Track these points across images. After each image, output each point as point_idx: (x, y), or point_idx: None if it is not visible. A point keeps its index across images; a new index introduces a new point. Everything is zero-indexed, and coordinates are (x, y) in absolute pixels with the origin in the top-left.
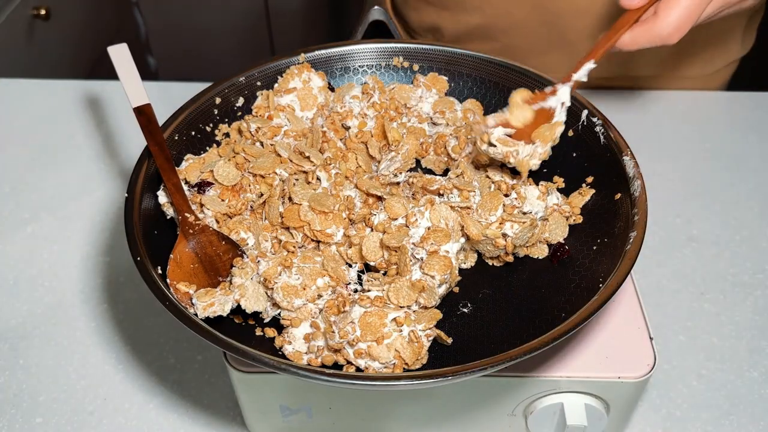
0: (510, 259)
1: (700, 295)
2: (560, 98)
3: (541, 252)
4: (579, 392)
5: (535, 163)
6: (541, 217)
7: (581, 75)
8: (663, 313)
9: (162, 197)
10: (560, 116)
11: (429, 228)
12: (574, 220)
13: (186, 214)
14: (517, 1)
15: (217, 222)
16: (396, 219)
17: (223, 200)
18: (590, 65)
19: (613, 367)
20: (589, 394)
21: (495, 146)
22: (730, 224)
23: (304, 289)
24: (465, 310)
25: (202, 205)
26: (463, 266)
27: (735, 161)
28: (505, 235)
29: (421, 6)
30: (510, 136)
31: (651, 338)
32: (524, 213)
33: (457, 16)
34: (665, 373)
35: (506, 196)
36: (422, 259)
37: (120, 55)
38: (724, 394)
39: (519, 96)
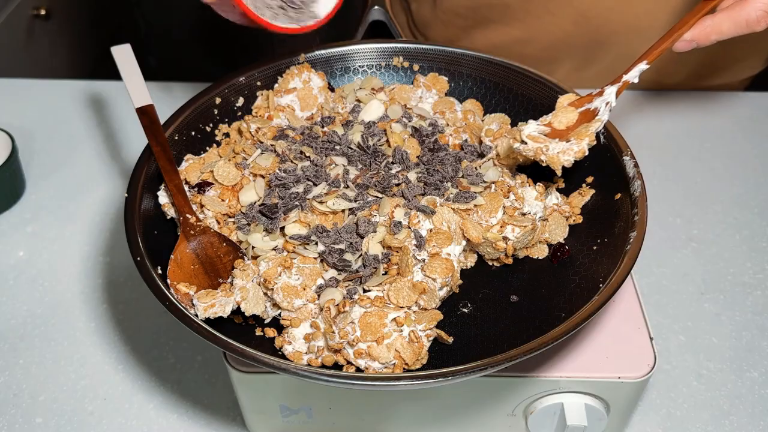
0: (510, 261)
1: (700, 295)
2: (605, 98)
3: (541, 252)
4: (579, 392)
5: (567, 160)
6: (541, 217)
7: (632, 76)
8: (663, 313)
9: (162, 198)
10: (603, 115)
11: (431, 230)
12: (574, 220)
13: (187, 215)
14: (562, 15)
15: (218, 223)
16: (394, 218)
17: (223, 200)
18: (643, 66)
19: (613, 367)
20: (589, 394)
21: (526, 143)
22: (730, 224)
23: (304, 289)
24: (465, 310)
25: (202, 206)
26: (463, 266)
27: (735, 161)
28: (505, 238)
29: (451, 19)
30: (547, 135)
31: (651, 338)
32: (524, 214)
33: (494, 29)
34: (665, 373)
35: (505, 197)
36: (424, 261)
37: (123, 55)
38: (724, 394)
39: (565, 99)
